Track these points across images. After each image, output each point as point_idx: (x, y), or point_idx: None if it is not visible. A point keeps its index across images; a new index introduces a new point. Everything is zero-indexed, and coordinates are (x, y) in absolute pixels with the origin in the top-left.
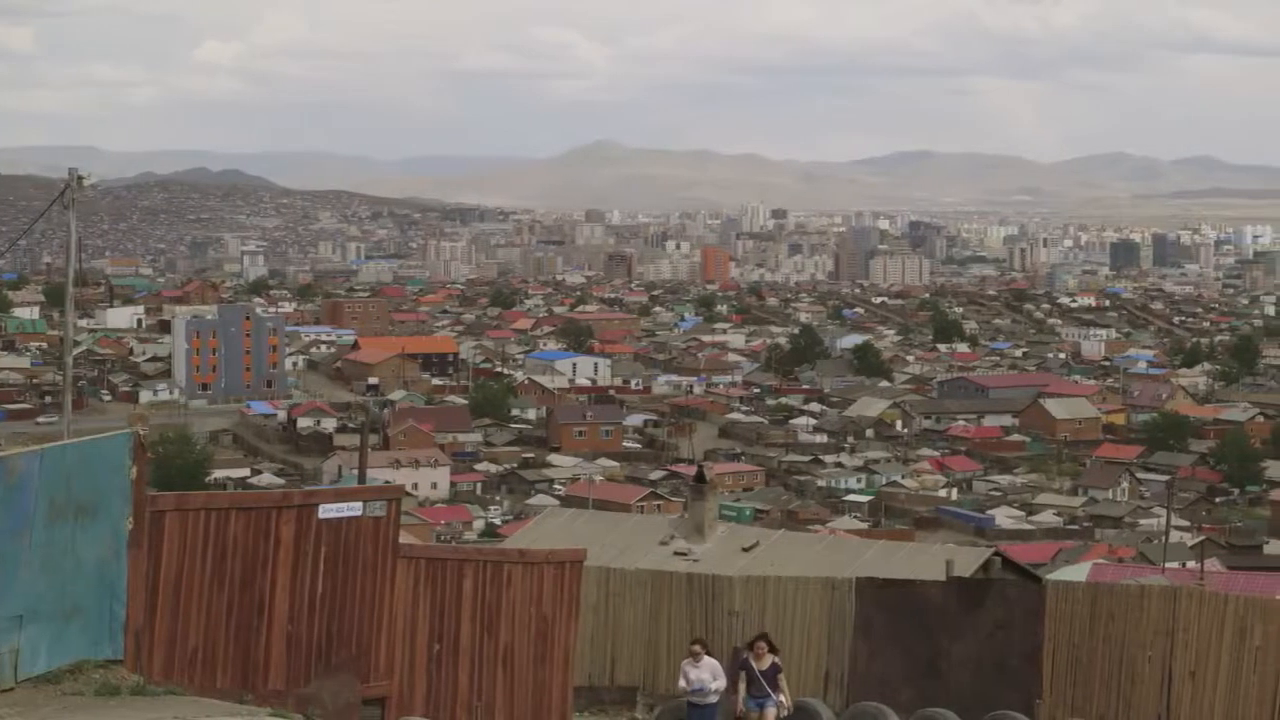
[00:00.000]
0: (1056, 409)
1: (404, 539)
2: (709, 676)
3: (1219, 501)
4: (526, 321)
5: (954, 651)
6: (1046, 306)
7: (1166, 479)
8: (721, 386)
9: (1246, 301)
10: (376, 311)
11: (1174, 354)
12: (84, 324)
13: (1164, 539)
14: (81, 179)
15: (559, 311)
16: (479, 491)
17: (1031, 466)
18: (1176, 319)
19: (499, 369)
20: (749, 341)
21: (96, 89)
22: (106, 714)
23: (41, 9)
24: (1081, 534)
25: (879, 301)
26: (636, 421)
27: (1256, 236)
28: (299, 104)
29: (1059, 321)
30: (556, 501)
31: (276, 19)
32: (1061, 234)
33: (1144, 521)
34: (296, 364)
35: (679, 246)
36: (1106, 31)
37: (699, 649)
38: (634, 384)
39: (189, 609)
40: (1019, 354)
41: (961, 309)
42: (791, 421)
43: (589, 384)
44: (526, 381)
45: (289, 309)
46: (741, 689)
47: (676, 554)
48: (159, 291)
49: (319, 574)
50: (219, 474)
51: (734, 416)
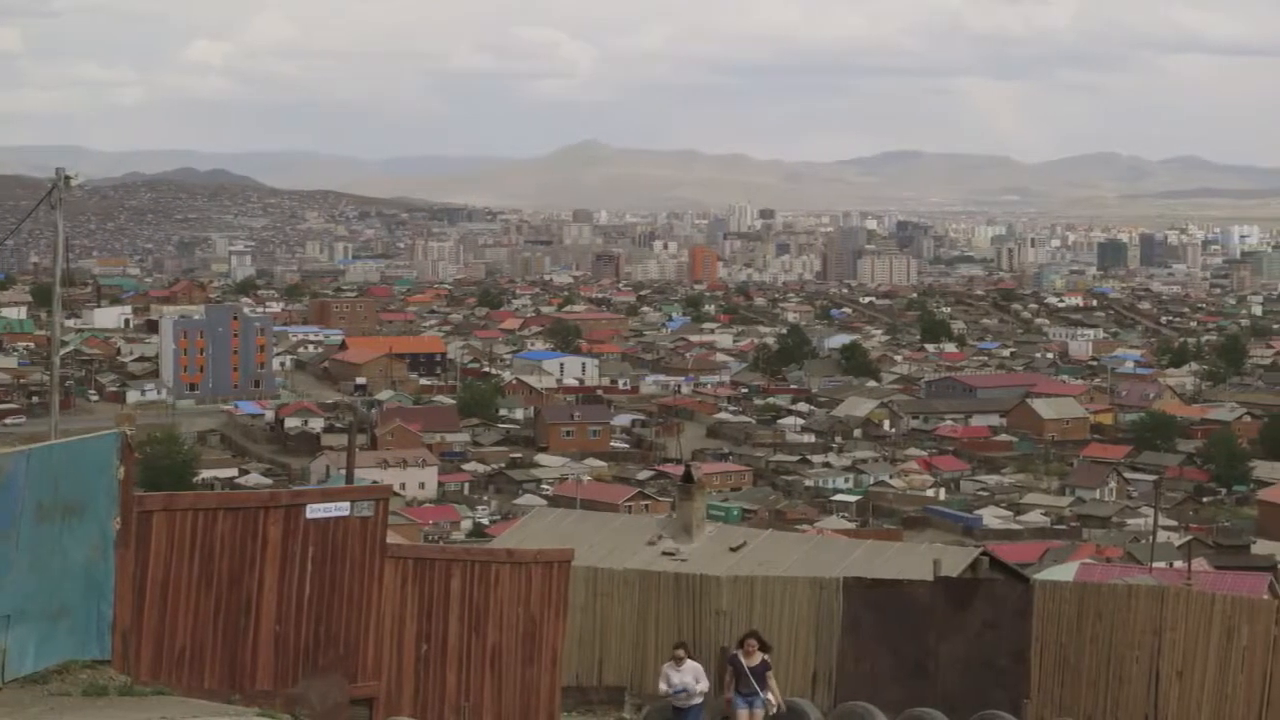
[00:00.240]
0: (1044, 409)
1: (392, 539)
2: (691, 680)
3: (1206, 501)
4: (514, 321)
5: (942, 651)
6: (1034, 306)
7: (1154, 479)
8: (709, 386)
9: (1233, 301)
10: (364, 311)
11: (1161, 354)
12: (71, 324)
13: (1151, 539)
14: (69, 179)
15: (547, 311)
16: (466, 491)
17: (1019, 466)
18: (1164, 319)
19: (487, 369)
20: (737, 341)
21: (84, 88)
22: (94, 714)
23: (29, 8)
24: (1069, 534)
25: (867, 301)
26: (624, 421)
27: (1244, 236)
28: (287, 104)
29: (1046, 321)
30: (544, 501)
31: (264, 19)
32: (1049, 234)
33: (1131, 521)
34: (284, 364)
35: (667, 246)
36: (1093, 31)
37: (681, 653)
38: (622, 384)
39: (176, 609)
40: (1006, 354)
41: (949, 309)
42: (779, 421)
43: (577, 384)
44: (514, 381)
45: (276, 309)
46: (730, 686)
47: (664, 554)
48: (146, 291)
49: (307, 574)
50: (206, 474)
51: (722, 416)
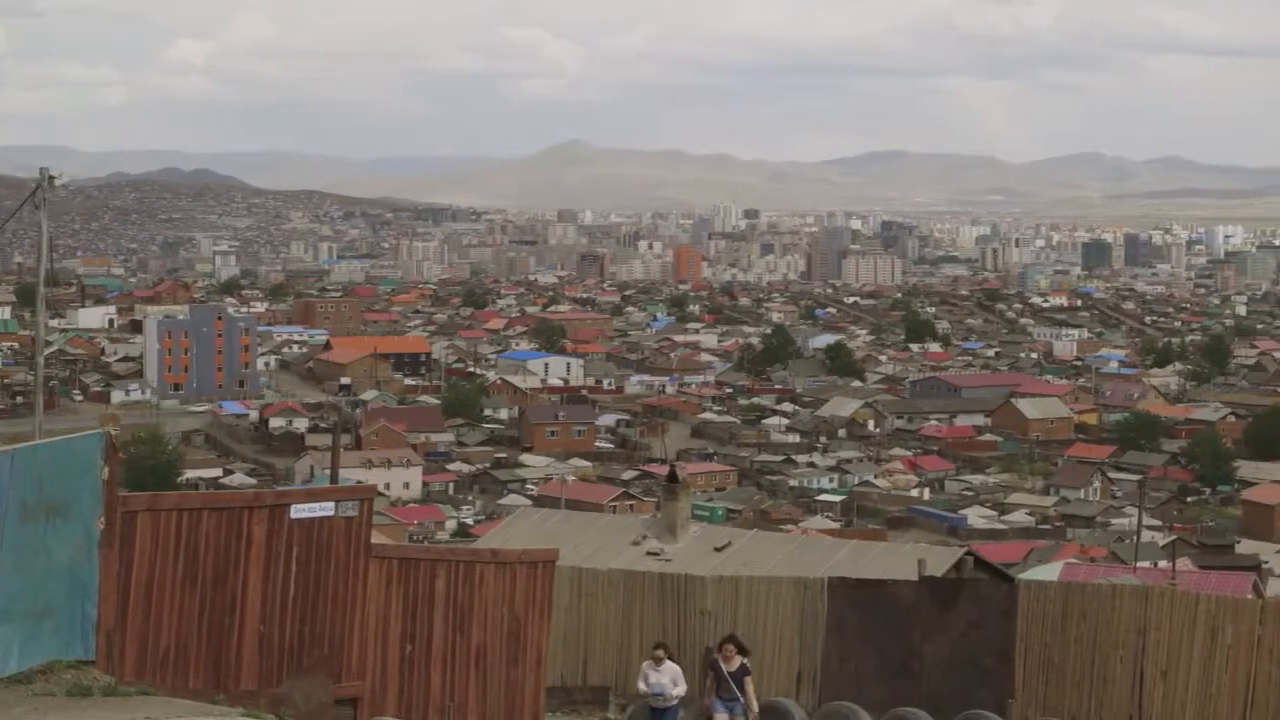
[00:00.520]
0: (1028, 409)
1: (376, 539)
2: (669, 681)
3: (1190, 501)
4: (499, 321)
5: (926, 651)
6: (1019, 306)
7: (1138, 478)
8: (694, 386)
9: (1218, 301)
10: (349, 311)
11: (1146, 354)
12: (55, 324)
13: (1135, 538)
14: (53, 179)
15: (531, 311)
16: (451, 491)
17: (1004, 466)
18: (1148, 319)
19: (471, 369)
20: (721, 341)
21: (68, 89)
22: (78, 714)
23: (12, 8)
24: (1053, 533)
25: (851, 301)
26: (609, 421)
27: (1228, 236)
28: (271, 104)
29: (1031, 321)
30: (529, 501)
31: (248, 19)
32: (1033, 234)
33: (1116, 521)
34: (268, 364)
35: (651, 246)
36: (1076, 31)
37: (661, 653)
38: (606, 384)
39: (161, 609)
40: (991, 354)
41: (934, 309)
42: (764, 421)
43: (561, 384)
44: (499, 381)
45: (261, 309)
46: (711, 691)
47: (649, 554)
48: (130, 291)
49: (291, 574)
50: (191, 474)
51: (706, 416)
